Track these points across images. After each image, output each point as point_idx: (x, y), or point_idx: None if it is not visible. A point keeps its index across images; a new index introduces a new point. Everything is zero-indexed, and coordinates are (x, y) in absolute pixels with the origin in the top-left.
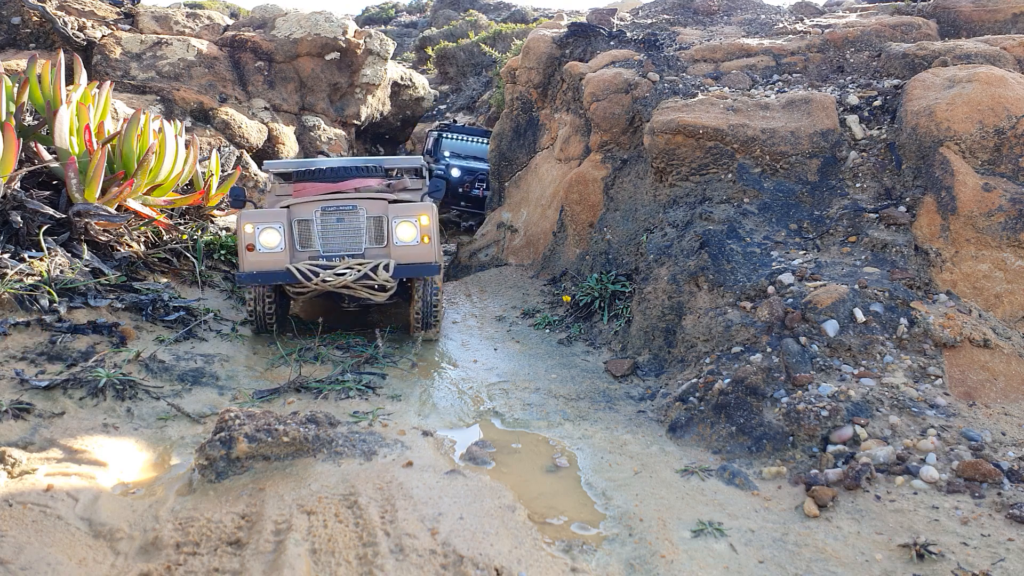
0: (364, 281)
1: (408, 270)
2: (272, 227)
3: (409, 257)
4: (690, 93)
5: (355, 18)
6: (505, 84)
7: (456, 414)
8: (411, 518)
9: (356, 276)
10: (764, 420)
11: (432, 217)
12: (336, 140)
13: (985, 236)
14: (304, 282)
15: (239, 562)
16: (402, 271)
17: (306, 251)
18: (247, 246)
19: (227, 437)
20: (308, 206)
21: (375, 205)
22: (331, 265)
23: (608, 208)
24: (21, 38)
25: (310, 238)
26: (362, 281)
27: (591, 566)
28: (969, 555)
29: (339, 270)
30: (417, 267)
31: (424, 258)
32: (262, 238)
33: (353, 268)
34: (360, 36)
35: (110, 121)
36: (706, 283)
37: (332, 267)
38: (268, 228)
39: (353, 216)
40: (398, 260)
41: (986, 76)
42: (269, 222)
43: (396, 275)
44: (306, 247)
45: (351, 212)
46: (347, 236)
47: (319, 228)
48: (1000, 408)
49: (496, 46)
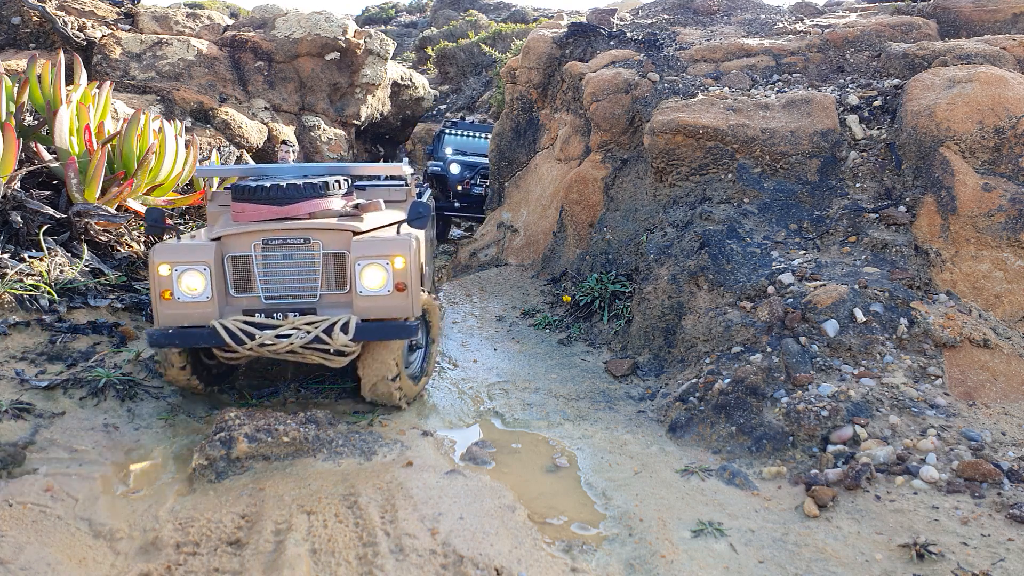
0: (316, 345)
1: (375, 331)
2: (195, 268)
3: (377, 311)
4: (690, 93)
5: (355, 18)
6: (505, 84)
7: (456, 414)
8: (411, 518)
9: (305, 339)
10: (764, 420)
11: (411, 257)
12: (336, 140)
13: (985, 236)
14: (234, 346)
15: (239, 562)
16: (367, 332)
17: (243, 299)
18: (161, 292)
19: (227, 437)
20: (245, 238)
21: (335, 237)
22: (272, 324)
23: (608, 208)
24: (21, 38)
25: (249, 281)
26: (314, 345)
27: (591, 566)
28: (969, 555)
29: (283, 331)
30: (388, 327)
31: (397, 313)
32: (183, 282)
33: (301, 329)
34: (360, 36)
35: (110, 121)
36: (706, 283)
37: (274, 326)
38: (190, 270)
39: (305, 252)
40: (363, 315)
41: (986, 76)
42: (191, 261)
43: (359, 337)
44: (244, 293)
45: (302, 247)
46: (297, 279)
47: (260, 268)
48: (1000, 408)
49: (496, 46)
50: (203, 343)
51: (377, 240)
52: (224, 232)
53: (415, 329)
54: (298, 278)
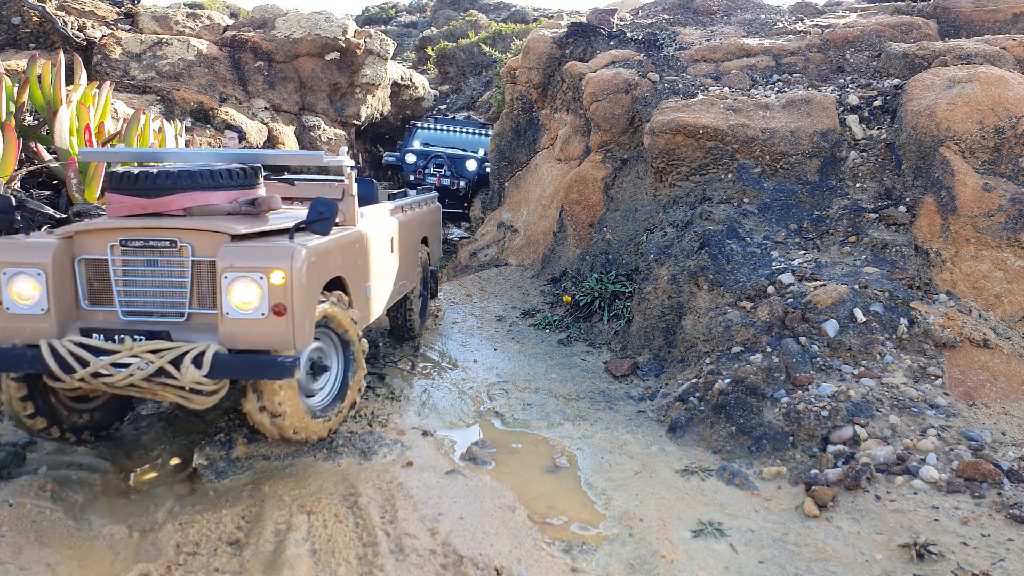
0: (167, 380)
1: (239, 366)
2: (27, 272)
3: (248, 340)
4: (690, 93)
5: (355, 18)
6: (505, 84)
7: (456, 414)
8: (411, 518)
9: (147, 371)
10: (764, 420)
11: (296, 272)
12: (336, 140)
13: (985, 236)
14: (60, 374)
15: (239, 562)
16: (227, 367)
17: (99, 313)
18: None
19: (227, 437)
20: (100, 236)
21: (207, 240)
22: (109, 349)
23: (608, 208)
24: (21, 38)
25: (106, 291)
26: (163, 379)
27: (591, 566)
28: (969, 555)
29: (122, 358)
30: (256, 363)
31: (273, 343)
32: (12, 289)
33: (142, 357)
34: (360, 36)
35: (110, 121)
36: (706, 283)
37: (112, 352)
38: (21, 274)
39: (172, 257)
40: (229, 343)
41: (986, 76)
42: (23, 263)
43: (218, 374)
44: (101, 305)
45: (168, 251)
46: (162, 291)
47: (117, 275)
48: (1000, 408)
49: (496, 46)
50: (25, 368)
51: (251, 248)
52: (75, 229)
53: (291, 367)
54: (164, 290)
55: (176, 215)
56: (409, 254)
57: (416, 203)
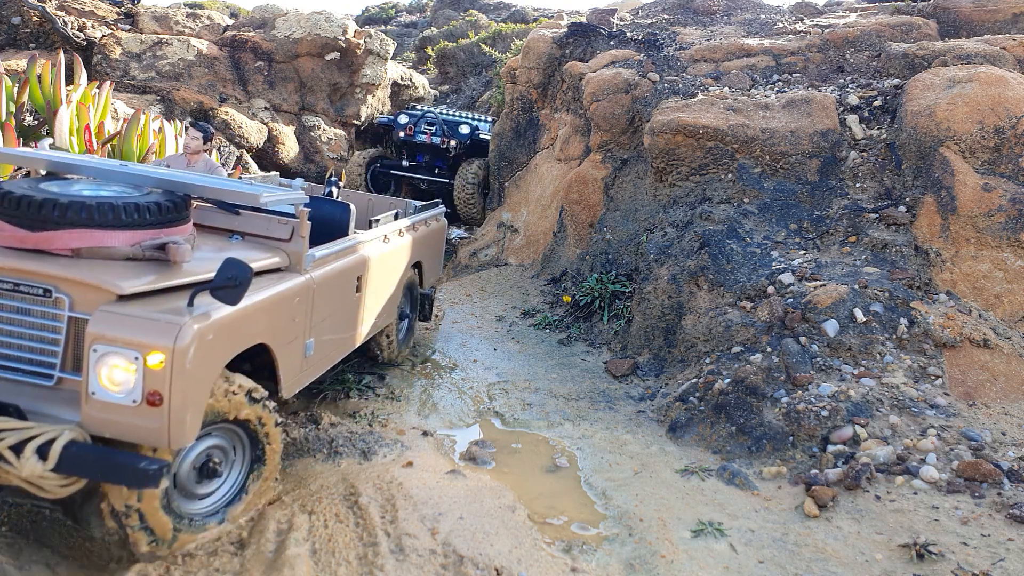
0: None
1: (93, 464)
2: None
3: (115, 429)
4: (690, 93)
5: (355, 18)
6: (505, 84)
7: (456, 414)
8: (411, 518)
9: None
10: (764, 420)
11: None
12: (336, 140)
13: (985, 236)
14: None
15: (239, 562)
16: (79, 464)
17: None
18: None
19: None
20: None
21: (89, 296)
22: None
23: (608, 208)
24: (21, 38)
25: None
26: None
27: (591, 566)
28: (969, 555)
29: None
30: (113, 464)
31: (145, 438)
32: None
33: None
34: (360, 36)
35: (110, 121)
36: (706, 283)
37: None
38: None
39: (43, 308)
40: (93, 429)
41: (986, 76)
42: None
43: (67, 469)
44: None
45: (40, 301)
46: (29, 349)
47: None
48: (1000, 408)
49: (496, 46)
50: None
51: (130, 317)
52: None
53: (154, 476)
54: (32, 345)
55: (61, 255)
56: (387, 288)
57: (413, 224)
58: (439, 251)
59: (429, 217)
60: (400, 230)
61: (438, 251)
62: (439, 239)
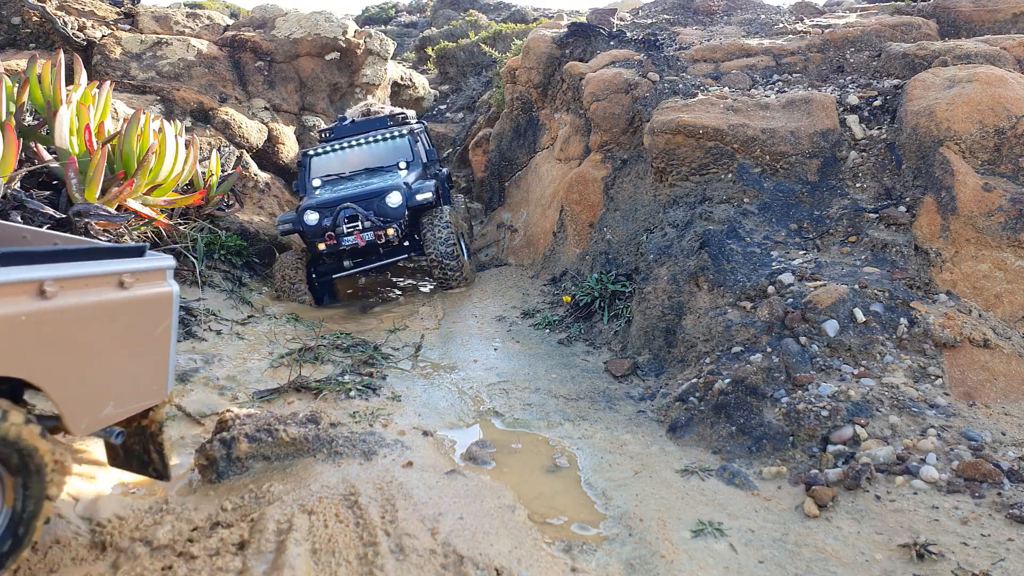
0: None
1: None
2: None
3: None
4: (690, 93)
5: (355, 18)
6: (505, 84)
7: (456, 414)
8: (411, 518)
9: None
10: (764, 420)
11: None
12: None
13: (985, 236)
14: None
15: (240, 562)
16: None
17: None
18: None
19: (227, 437)
20: None
21: None
22: None
23: (608, 208)
24: (21, 38)
25: None
26: None
27: (591, 566)
28: (969, 555)
29: None
30: None
31: None
32: None
33: None
34: (360, 36)
35: (110, 121)
36: (706, 283)
37: None
38: None
39: None
40: None
41: (986, 76)
42: None
43: None
44: None
45: None
46: None
47: None
48: (1000, 408)
49: (496, 46)
50: None
51: None
52: None
53: None
54: None
55: None
56: None
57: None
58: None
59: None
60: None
61: (125, 359)
62: (134, 328)
